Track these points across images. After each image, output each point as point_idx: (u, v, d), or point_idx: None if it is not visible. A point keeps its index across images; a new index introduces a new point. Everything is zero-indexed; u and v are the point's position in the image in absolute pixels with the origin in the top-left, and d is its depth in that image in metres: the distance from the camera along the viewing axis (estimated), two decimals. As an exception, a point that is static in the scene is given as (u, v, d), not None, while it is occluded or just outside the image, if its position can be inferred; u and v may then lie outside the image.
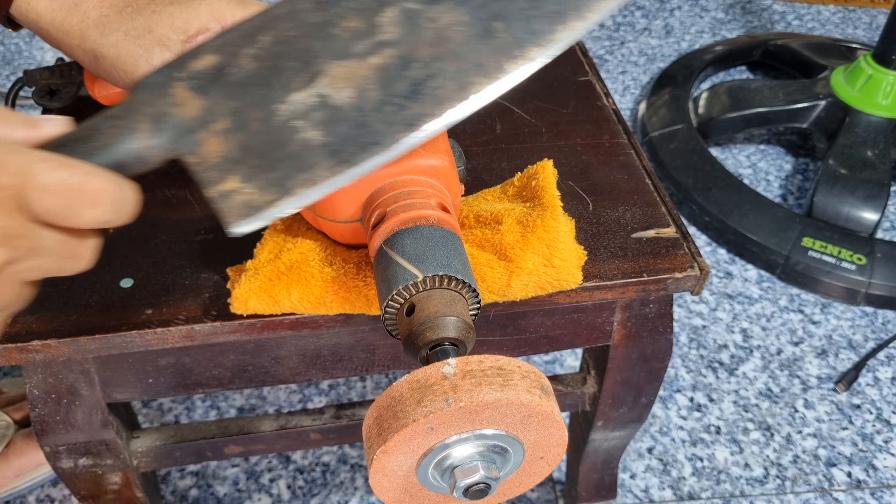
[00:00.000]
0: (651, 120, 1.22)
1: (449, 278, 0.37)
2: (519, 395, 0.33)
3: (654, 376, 0.56)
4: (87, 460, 0.53)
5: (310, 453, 0.82)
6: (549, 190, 0.46)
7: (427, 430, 0.32)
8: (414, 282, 0.36)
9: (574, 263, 0.45)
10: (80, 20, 0.47)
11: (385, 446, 0.33)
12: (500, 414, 0.33)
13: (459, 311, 0.36)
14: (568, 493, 0.76)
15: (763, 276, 1.03)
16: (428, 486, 0.36)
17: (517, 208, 0.46)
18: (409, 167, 0.41)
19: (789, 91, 1.20)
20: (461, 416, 0.32)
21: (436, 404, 0.32)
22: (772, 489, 0.81)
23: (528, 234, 0.44)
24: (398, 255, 0.37)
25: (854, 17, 1.53)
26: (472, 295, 0.38)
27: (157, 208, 0.50)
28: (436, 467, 0.35)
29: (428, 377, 0.33)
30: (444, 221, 0.39)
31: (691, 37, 1.47)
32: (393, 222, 0.39)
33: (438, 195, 0.41)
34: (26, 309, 0.43)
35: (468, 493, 0.34)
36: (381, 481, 0.35)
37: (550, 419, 0.34)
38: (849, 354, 0.94)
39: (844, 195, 1.03)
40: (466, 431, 0.33)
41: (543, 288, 0.44)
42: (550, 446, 0.36)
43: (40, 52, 1.35)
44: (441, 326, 0.35)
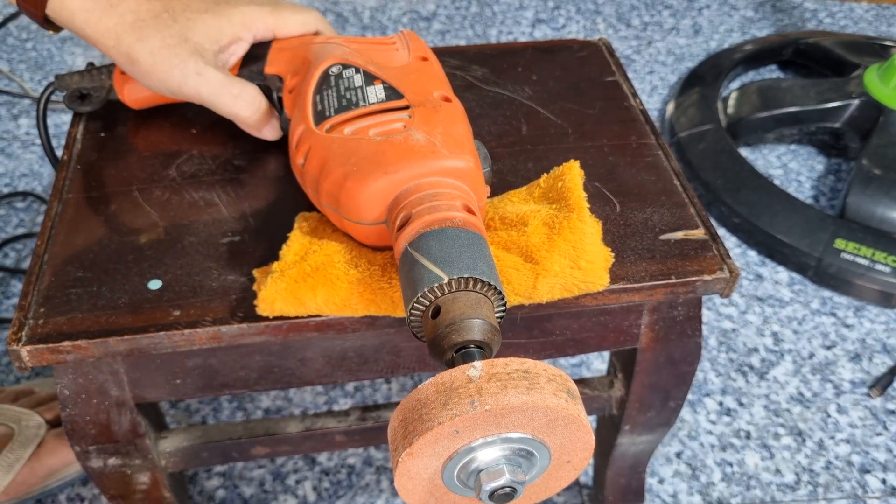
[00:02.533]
0: (679, 120, 1.20)
1: (475, 280, 0.36)
2: (545, 399, 0.32)
3: (683, 380, 0.56)
4: (116, 460, 0.53)
5: (335, 455, 0.82)
6: (576, 191, 0.46)
7: (452, 433, 0.32)
8: (439, 284, 0.36)
9: (601, 266, 0.44)
10: (117, 22, 0.48)
11: (410, 449, 0.32)
12: (526, 417, 0.33)
13: (485, 314, 0.36)
14: (595, 497, 0.76)
15: (794, 279, 1.02)
16: (453, 489, 0.36)
17: (543, 210, 0.45)
18: (434, 169, 0.41)
19: (821, 90, 1.18)
20: (487, 420, 0.32)
21: (461, 407, 0.32)
22: (803, 496, 0.79)
23: (554, 235, 0.43)
24: (423, 257, 0.37)
25: (888, 15, 1.51)
26: (497, 297, 0.38)
27: (185, 211, 0.50)
28: (461, 470, 0.34)
29: (453, 380, 0.33)
30: (469, 223, 0.39)
31: (720, 36, 1.45)
32: (418, 224, 0.39)
33: (464, 197, 0.41)
34: (57, 310, 0.44)
35: (494, 497, 0.34)
36: (407, 484, 0.35)
37: (577, 423, 0.34)
38: (883, 359, 0.92)
39: (878, 196, 1.01)
40: (492, 435, 0.33)
41: (570, 290, 0.44)
42: (577, 450, 0.36)
43: (71, 57, 1.38)
44: (466, 329, 0.35)
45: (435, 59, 0.51)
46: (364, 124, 0.44)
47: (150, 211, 0.50)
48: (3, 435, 0.75)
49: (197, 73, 0.49)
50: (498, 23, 1.48)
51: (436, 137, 0.42)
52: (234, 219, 0.50)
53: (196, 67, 0.49)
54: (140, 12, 0.48)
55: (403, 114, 0.44)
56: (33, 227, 1.07)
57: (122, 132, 0.57)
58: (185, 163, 0.54)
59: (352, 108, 0.45)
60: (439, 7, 1.52)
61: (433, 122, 0.43)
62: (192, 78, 0.49)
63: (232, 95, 0.50)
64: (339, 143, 0.43)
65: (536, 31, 1.46)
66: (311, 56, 0.51)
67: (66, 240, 0.48)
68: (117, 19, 0.48)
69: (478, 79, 0.61)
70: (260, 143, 0.55)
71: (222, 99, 0.50)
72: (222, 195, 0.51)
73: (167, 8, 0.49)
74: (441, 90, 0.47)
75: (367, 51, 0.50)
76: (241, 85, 0.50)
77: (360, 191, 0.41)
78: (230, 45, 0.51)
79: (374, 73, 0.47)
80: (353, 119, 0.45)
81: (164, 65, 0.49)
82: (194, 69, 0.49)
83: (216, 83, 0.49)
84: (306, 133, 0.45)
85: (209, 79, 0.49)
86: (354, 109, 0.45)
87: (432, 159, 0.41)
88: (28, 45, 1.41)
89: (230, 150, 0.55)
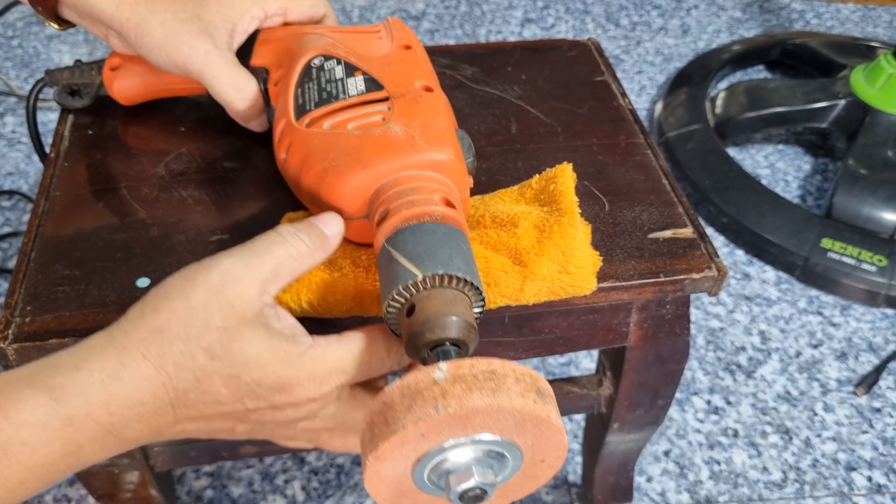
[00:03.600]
0: (668, 120, 1.21)
1: (450, 277, 0.36)
2: (511, 400, 0.32)
3: (671, 378, 0.56)
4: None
5: (324, 455, 0.82)
6: (568, 195, 0.45)
7: (418, 437, 0.32)
8: (413, 281, 0.35)
9: (589, 270, 0.44)
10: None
11: (376, 452, 0.32)
12: (493, 419, 0.32)
13: (461, 311, 0.35)
14: (583, 496, 0.76)
15: (781, 278, 1.02)
16: (425, 489, 0.35)
17: (534, 212, 0.45)
18: (413, 162, 0.40)
19: (808, 90, 1.18)
20: (451, 423, 0.32)
21: (425, 411, 0.31)
22: (790, 493, 0.80)
23: (544, 239, 0.43)
24: (399, 254, 0.37)
25: (874, 16, 1.52)
26: (475, 293, 0.37)
27: (174, 209, 0.50)
28: (431, 472, 0.34)
29: (418, 382, 0.32)
30: (448, 218, 0.38)
31: (708, 36, 1.46)
32: (395, 220, 0.38)
33: (444, 190, 0.40)
34: (44, 308, 0.44)
35: (464, 499, 0.34)
36: (377, 485, 0.34)
37: (546, 423, 0.33)
38: (869, 357, 0.93)
39: (864, 195, 1.02)
40: (460, 437, 0.33)
41: (557, 294, 0.44)
42: (550, 450, 0.35)
43: (58, 55, 1.37)
44: (441, 327, 0.35)
45: (420, 47, 0.50)
46: (343, 118, 0.44)
47: (139, 209, 0.50)
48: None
49: (204, 53, 0.49)
50: (487, 22, 1.48)
51: (415, 130, 0.42)
52: (223, 217, 0.49)
53: (204, 47, 0.49)
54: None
55: (383, 106, 0.44)
56: (19, 226, 1.06)
57: (110, 130, 0.56)
58: (174, 161, 0.54)
59: (331, 102, 0.44)
60: (428, 6, 1.52)
61: (413, 113, 0.43)
62: (199, 56, 0.49)
63: (231, 85, 0.50)
64: (319, 139, 0.43)
65: (526, 30, 1.47)
66: (295, 47, 0.50)
67: (54, 237, 0.48)
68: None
69: (467, 78, 0.62)
70: (249, 141, 0.54)
71: (222, 85, 0.50)
72: (211, 193, 0.51)
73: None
74: (423, 80, 0.46)
75: (350, 41, 0.50)
76: (244, 77, 0.50)
77: (339, 186, 0.41)
78: (240, 21, 0.51)
79: (354, 63, 0.47)
80: (333, 113, 0.44)
81: (175, 38, 0.49)
82: (202, 48, 0.49)
83: (220, 68, 0.49)
84: (287, 128, 0.45)
85: (214, 61, 0.49)
86: (334, 103, 0.44)
87: (411, 153, 0.41)
88: (14, 43, 1.39)
89: (219, 149, 0.54)
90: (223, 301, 0.35)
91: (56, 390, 0.33)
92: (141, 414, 0.35)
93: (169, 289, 0.36)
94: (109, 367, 0.34)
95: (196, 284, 0.36)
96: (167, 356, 0.34)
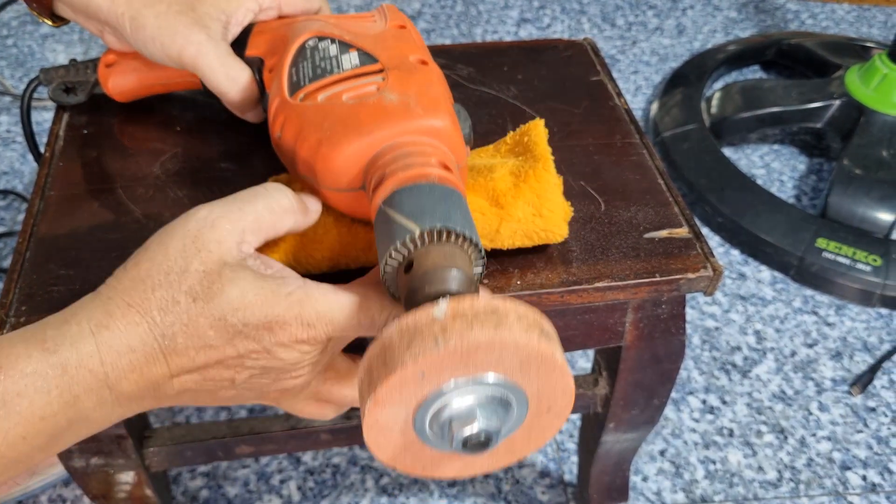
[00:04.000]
0: (663, 120, 1.21)
1: (448, 232, 0.35)
2: (514, 336, 0.31)
3: (667, 378, 0.56)
4: (99, 459, 0.53)
5: (320, 454, 0.82)
6: (541, 144, 0.47)
7: (418, 376, 0.31)
8: (411, 236, 0.35)
9: (561, 216, 0.45)
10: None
11: (375, 395, 0.31)
12: (496, 357, 0.31)
13: (460, 264, 0.34)
14: (579, 495, 0.76)
15: (777, 278, 1.03)
16: (427, 441, 0.34)
17: (510, 161, 0.47)
18: (409, 128, 0.40)
19: (803, 90, 1.19)
20: (453, 359, 0.31)
21: (424, 346, 0.30)
22: (785, 492, 0.80)
23: (520, 183, 0.44)
24: (396, 213, 0.36)
25: (869, 16, 1.52)
26: (475, 251, 0.36)
27: (169, 209, 0.50)
28: (433, 420, 0.33)
29: (417, 321, 0.31)
30: (445, 179, 0.38)
31: (704, 36, 1.46)
32: (391, 182, 0.38)
33: (440, 154, 0.40)
34: (39, 309, 0.44)
35: (467, 446, 0.32)
36: (377, 437, 0.33)
37: (552, 362, 0.32)
38: (864, 357, 0.93)
39: (859, 196, 1.03)
40: (461, 376, 0.31)
41: (531, 238, 0.45)
42: (556, 396, 0.34)
43: (53, 54, 1.36)
44: (440, 280, 0.34)
45: (413, 28, 0.50)
46: (338, 90, 0.43)
47: (134, 208, 0.50)
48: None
49: (198, 44, 0.49)
50: (483, 22, 1.48)
51: (410, 98, 0.41)
52: (219, 217, 0.49)
53: (198, 38, 0.49)
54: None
55: (377, 77, 0.43)
56: (14, 225, 1.06)
57: (105, 129, 0.56)
58: (170, 161, 0.54)
59: (326, 76, 0.44)
60: (424, 6, 1.52)
61: (408, 83, 0.42)
62: (193, 46, 0.49)
63: (226, 75, 0.50)
64: (313, 110, 0.42)
65: (521, 30, 1.47)
66: (289, 34, 0.50)
67: (49, 237, 0.48)
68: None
69: (463, 78, 0.62)
70: (245, 141, 0.54)
71: (217, 76, 0.50)
72: (207, 193, 0.51)
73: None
74: (417, 54, 0.46)
75: (345, 23, 0.50)
76: (238, 67, 0.50)
77: (334, 155, 0.40)
78: (236, 14, 0.51)
79: (349, 41, 0.46)
80: (327, 86, 0.44)
81: (169, 30, 0.49)
82: (196, 39, 0.49)
83: (215, 59, 0.49)
84: (281, 105, 0.45)
85: (209, 52, 0.49)
86: (328, 76, 0.44)
87: (407, 119, 0.40)
88: (9, 42, 1.39)
89: (215, 149, 0.54)
90: (200, 246, 0.36)
91: (48, 342, 0.34)
92: (133, 363, 0.35)
93: (149, 243, 0.37)
94: (97, 316, 0.35)
95: (174, 234, 0.37)
96: (150, 301, 0.35)
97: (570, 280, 0.46)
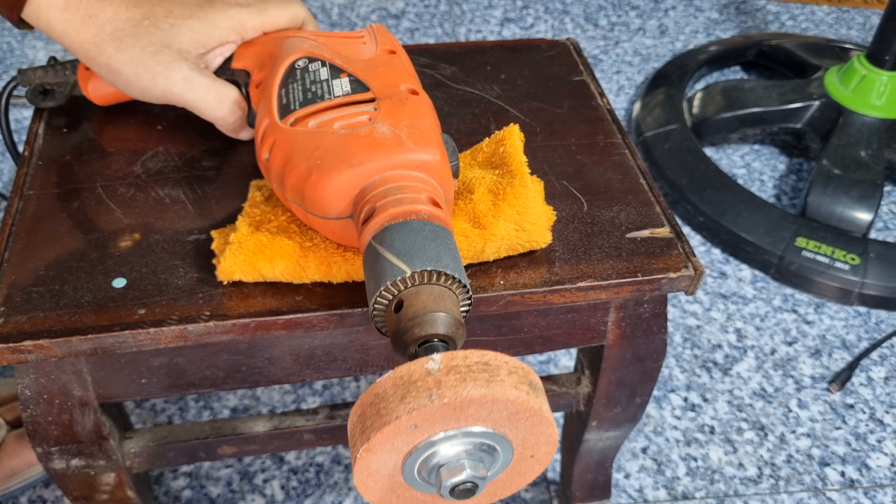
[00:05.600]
0: (645, 120, 1.22)
1: (438, 274, 0.36)
2: (505, 392, 0.32)
3: (649, 376, 0.56)
4: (80, 461, 0.52)
5: (304, 454, 0.82)
6: (517, 157, 0.48)
7: (411, 428, 0.32)
8: (402, 277, 0.36)
9: (543, 225, 0.46)
10: (96, 33, 0.47)
11: (368, 444, 0.32)
12: (487, 411, 0.32)
13: (448, 307, 0.36)
14: (562, 493, 0.76)
15: (757, 276, 1.04)
16: (414, 485, 0.35)
17: (487, 176, 0.47)
18: (399, 162, 0.41)
19: (783, 91, 1.20)
20: (445, 413, 0.32)
21: (419, 401, 0.31)
22: (765, 489, 0.81)
23: (499, 202, 0.45)
24: (387, 251, 0.37)
25: (848, 18, 1.54)
26: (462, 291, 0.37)
27: (150, 208, 0.50)
28: (422, 466, 0.34)
29: (412, 373, 0.32)
30: (434, 216, 0.39)
31: (686, 37, 1.47)
32: (382, 217, 0.38)
33: (430, 190, 0.41)
34: (18, 309, 0.43)
35: (455, 493, 0.34)
36: (366, 480, 0.34)
37: (539, 416, 0.33)
38: (842, 354, 0.94)
39: (838, 195, 1.04)
40: (452, 429, 0.33)
41: (515, 249, 0.46)
42: (540, 444, 0.36)
43: (33, 51, 1.35)
44: (429, 323, 0.35)
45: (403, 53, 0.51)
46: (329, 117, 0.44)
47: (115, 208, 0.50)
48: None
49: (183, 79, 0.48)
50: (467, 21, 1.48)
51: (402, 130, 0.42)
52: (201, 216, 0.49)
53: (182, 73, 0.48)
54: (119, 21, 0.47)
55: (369, 106, 0.44)
56: (-7, 224, 1.05)
57: (85, 128, 0.56)
58: (151, 159, 0.53)
59: (317, 102, 0.45)
60: (408, 5, 1.52)
61: (399, 114, 0.43)
62: (179, 84, 0.48)
63: (217, 101, 0.49)
64: (304, 137, 0.43)
65: (505, 30, 1.47)
66: (277, 51, 0.50)
67: (28, 237, 0.47)
68: (96, 30, 0.47)
69: (447, 77, 0.62)
70: (227, 139, 0.54)
71: (207, 104, 0.49)
72: (188, 192, 0.51)
73: (148, 15, 0.48)
74: (408, 83, 0.47)
75: (335, 44, 0.50)
76: (226, 90, 0.50)
77: (324, 184, 0.41)
78: (216, 48, 0.51)
79: (340, 66, 0.47)
80: (318, 112, 0.44)
81: (147, 73, 0.48)
82: (180, 75, 0.48)
83: (201, 89, 0.49)
84: (271, 127, 0.45)
85: (195, 84, 0.49)
86: (319, 103, 0.45)
87: (398, 152, 0.41)
88: (-13, 38, 1.37)
89: (196, 147, 0.54)
90: None
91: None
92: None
93: None
94: None
95: None
96: None
97: (552, 280, 0.46)
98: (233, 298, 0.44)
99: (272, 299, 0.44)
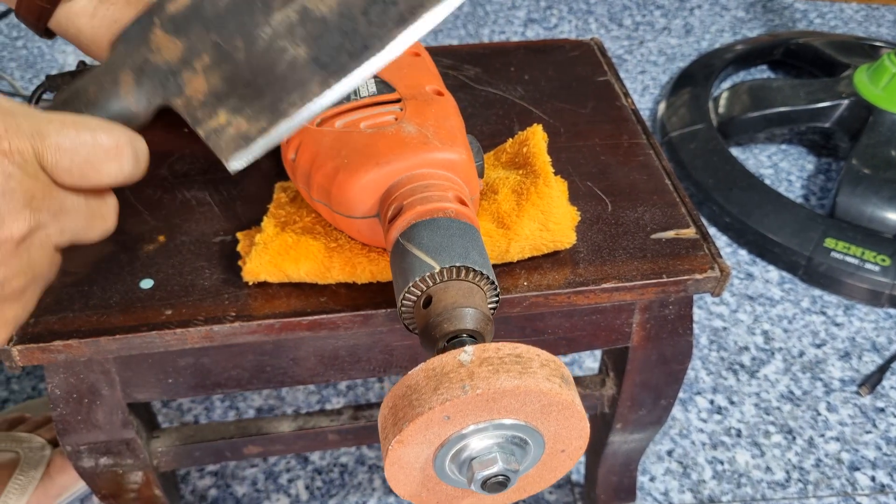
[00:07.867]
0: (671, 120, 1.21)
1: (467, 269, 0.36)
2: (538, 383, 0.32)
3: (674, 378, 0.56)
4: (108, 459, 0.53)
5: (328, 454, 0.82)
6: (540, 156, 0.47)
7: (443, 419, 0.32)
8: (431, 273, 0.36)
9: (568, 225, 0.46)
10: None
11: (401, 436, 0.32)
12: (519, 402, 0.32)
13: (477, 303, 0.36)
14: (587, 495, 0.76)
15: (785, 278, 1.02)
16: (445, 479, 0.35)
17: (511, 177, 0.47)
18: (426, 161, 0.41)
19: (811, 90, 1.18)
20: (478, 404, 0.32)
21: (452, 391, 0.31)
22: (794, 493, 0.80)
23: (522, 202, 0.45)
24: (415, 247, 0.37)
25: (878, 15, 1.51)
26: (490, 287, 0.37)
27: (177, 210, 0.50)
28: (453, 459, 0.34)
29: (444, 364, 0.32)
30: (461, 214, 0.39)
31: (711, 36, 1.46)
32: (410, 215, 0.38)
33: (456, 188, 0.41)
34: (48, 310, 0.44)
35: (486, 486, 0.33)
36: (397, 474, 0.34)
37: (571, 409, 0.33)
38: (872, 357, 0.93)
39: (868, 195, 1.02)
40: (484, 421, 0.33)
41: (539, 249, 0.46)
42: (572, 438, 0.35)
43: (62, 56, 1.37)
44: (458, 318, 0.35)
45: (427, 55, 0.51)
46: (355, 117, 0.44)
47: (142, 210, 0.50)
48: (10, 460, 0.74)
49: None
50: (490, 22, 1.48)
51: (428, 129, 0.42)
52: (226, 218, 0.50)
53: None
54: None
55: (395, 107, 0.44)
56: (24, 226, 1.06)
57: (113, 131, 0.56)
58: (177, 162, 0.54)
59: (343, 102, 0.45)
60: (431, 6, 1.52)
61: (425, 114, 0.43)
62: None
63: None
64: (331, 137, 0.43)
65: (528, 30, 1.46)
66: None
67: (58, 239, 0.48)
68: None
69: (470, 78, 0.62)
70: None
71: None
72: (214, 194, 0.51)
73: None
74: (433, 84, 0.47)
75: None
76: None
77: (351, 183, 0.41)
78: None
79: None
80: (345, 112, 0.44)
81: None
82: None
83: None
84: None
85: None
86: (345, 103, 0.45)
87: (424, 151, 0.41)
88: (18, 44, 1.40)
89: (222, 149, 0.55)
90: None
91: None
92: None
93: None
94: None
95: None
96: None
97: (577, 281, 0.46)
98: (258, 299, 0.45)
99: (297, 300, 0.44)
